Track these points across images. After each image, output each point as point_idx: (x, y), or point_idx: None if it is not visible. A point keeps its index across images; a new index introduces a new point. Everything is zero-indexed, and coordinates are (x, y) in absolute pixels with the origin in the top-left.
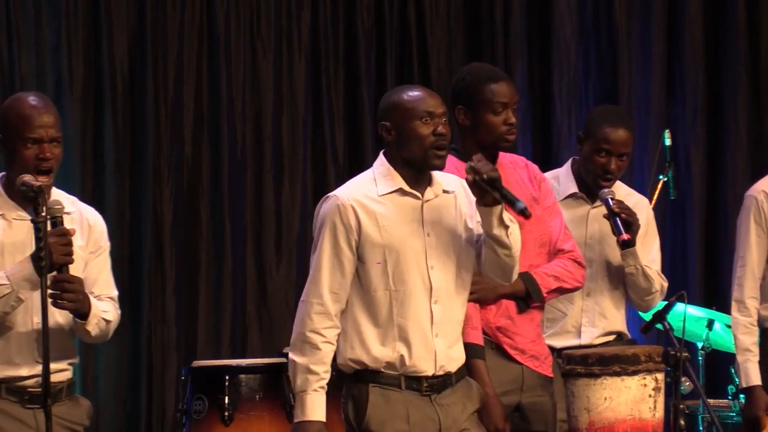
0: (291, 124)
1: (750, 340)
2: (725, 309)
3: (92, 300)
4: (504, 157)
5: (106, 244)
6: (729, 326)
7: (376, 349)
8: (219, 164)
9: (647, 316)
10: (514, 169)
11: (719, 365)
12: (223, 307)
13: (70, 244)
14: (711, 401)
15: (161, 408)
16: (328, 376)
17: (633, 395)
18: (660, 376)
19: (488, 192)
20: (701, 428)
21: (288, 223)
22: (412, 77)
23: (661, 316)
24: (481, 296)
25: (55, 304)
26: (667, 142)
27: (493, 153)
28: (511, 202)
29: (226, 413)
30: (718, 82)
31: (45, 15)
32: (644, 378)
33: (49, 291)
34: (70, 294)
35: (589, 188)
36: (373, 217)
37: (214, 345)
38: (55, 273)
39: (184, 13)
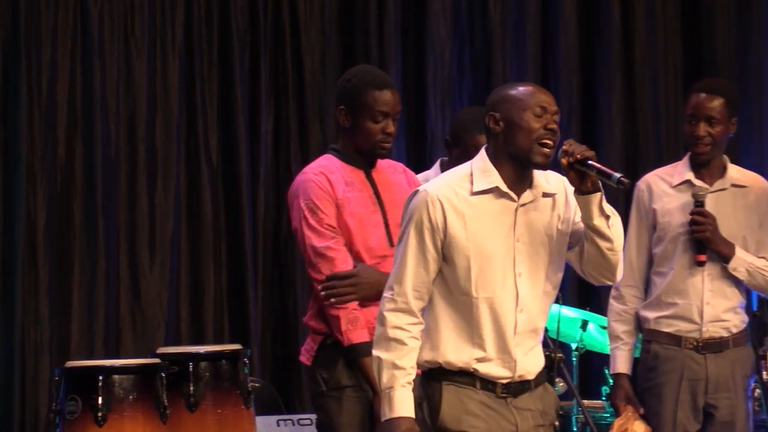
0: (164, 125)
1: (621, 327)
2: (599, 310)
3: None
4: (382, 162)
5: None
6: (603, 327)
7: (451, 352)
8: (92, 165)
9: None
10: (393, 173)
11: (593, 366)
12: (96, 308)
13: None
14: (585, 402)
15: (34, 409)
16: (414, 372)
17: None
18: None
19: (585, 173)
20: (575, 429)
21: (161, 223)
22: (287, 78)
23: None
24: (363, 295)
25: None
26: None
27: (369, 158)
28: (607, 175)
29: (100, 414)
30: (592, 82)
31: None
32: None
33: None
34: None
35: None
36: (461, 217)
37: (87, 345)
38: None
39: (58, 13)
